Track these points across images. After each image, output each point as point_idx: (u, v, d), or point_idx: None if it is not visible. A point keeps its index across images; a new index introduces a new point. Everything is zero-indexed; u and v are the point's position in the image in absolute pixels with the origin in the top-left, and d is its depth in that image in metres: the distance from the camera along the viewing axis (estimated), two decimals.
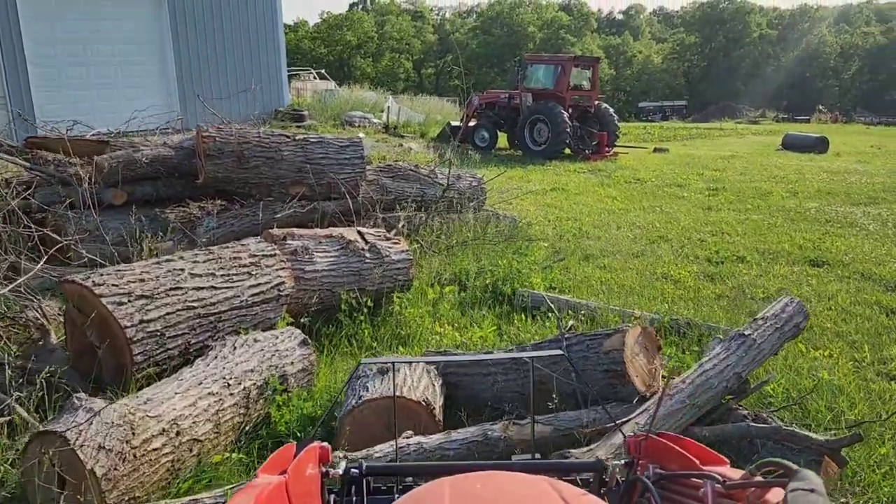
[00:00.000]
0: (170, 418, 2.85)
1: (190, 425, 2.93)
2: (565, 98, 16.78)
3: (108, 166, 5.96)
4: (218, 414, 3.09)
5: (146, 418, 2.77)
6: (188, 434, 2.90)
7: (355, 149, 6.71)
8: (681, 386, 3.31)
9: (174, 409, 2.90)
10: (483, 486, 1.11)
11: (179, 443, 2.85)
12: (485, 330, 4.75)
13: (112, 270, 3.68)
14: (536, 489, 1.10)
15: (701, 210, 9.91)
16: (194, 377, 3.17)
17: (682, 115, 45.48)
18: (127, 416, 2.70)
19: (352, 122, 19.58)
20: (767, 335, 3.45)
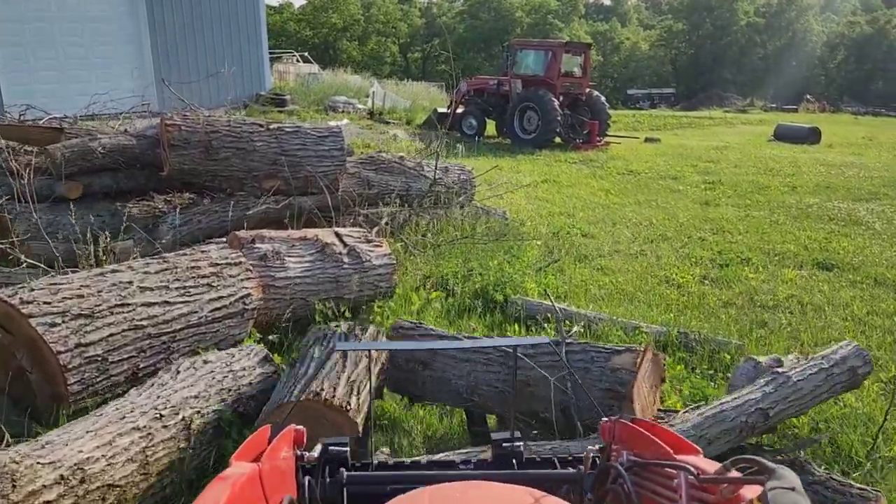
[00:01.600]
0: (72, 463, 2.36)
1: (102, 469, 2.44)
2: (556, 85, 16.27)
3: (60, 156, 5.41)
4: (145, 452, 2.60)
5: (36, 466, 2.29)
6: (98, 480, 2.42)
7: (335, 139, 6.19)
8: (687, 416, 2.88)
9: (80, 451, 2.41)
10: (462, 495, 1.09)
11: (85, 491, 2.37)
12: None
13: (45, 284, 3.16)
14: (516, 500, 1.06)
15: (699, 205, 9.49)
16: (117, 411, 2.68)
17: (671, 102, 45.14)
18: (8, 465, 2.22)
19: (336, 108, 18.99)
20: (808, 374, 2.99)
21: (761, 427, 2.86)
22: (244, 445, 1.37)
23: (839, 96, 49.66)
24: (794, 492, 0.93)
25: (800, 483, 0.96)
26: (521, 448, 1.95)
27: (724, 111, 36.98)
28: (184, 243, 5.43)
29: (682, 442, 1.37)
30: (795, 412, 2.96)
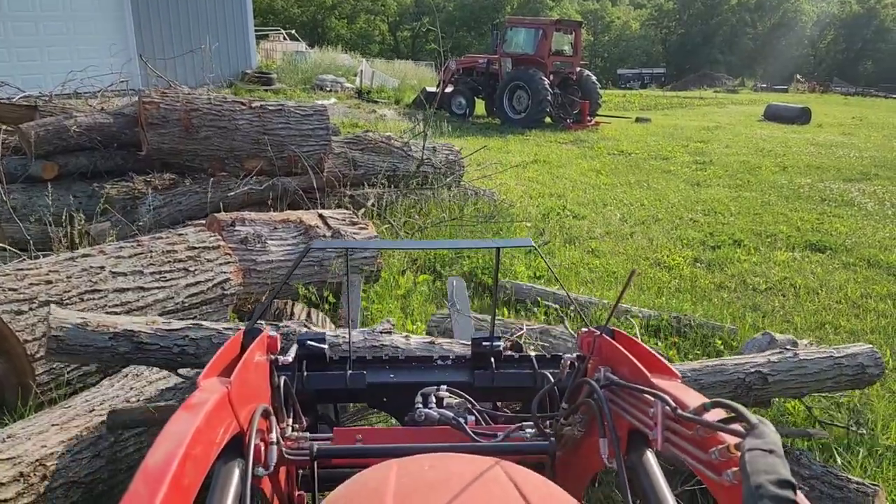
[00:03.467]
0: (33, 459, 2.24)
1: (67, 465, 2.32)
2: (546, 64, 16.07)
3: (34, 135, 5.22)
4: (113, 447, 2.48)
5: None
6: (62, 477, 2.29)
7: (320, 118, 6.02)
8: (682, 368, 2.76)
9: (44, 446, 2.29)
10: (432, 468, 1.05)
11: (47, 488, 2.25)
12: None
13: (11, 269, 3.01)
14: (487, 472, 1.03)
15: (690, 186, 9.38)
16: (87, 403, 2.55)
17: (661, 82, 44.90)
18: None
19: (323, 86, 18.73)
20: (816, 356, 2.90)
21: (758, 390, 2.76)
22: (215, 359, 1.34)
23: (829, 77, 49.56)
24: (772, 455, 0.87)
25: (780, 443, 0.89)
26: (499, 347, 1.99)
27: (715, 91, 36.84)
28: (163, 225, 5.27)
29: (661, 364, 1.34)
30: (795, 390, 2.87)
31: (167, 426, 1.03)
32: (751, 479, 0.83)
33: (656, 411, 1.16)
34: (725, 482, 0.95)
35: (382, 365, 1.98)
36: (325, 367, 1.90)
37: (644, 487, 1.20)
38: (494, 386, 1.95)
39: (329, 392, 1.90)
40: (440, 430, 1.60)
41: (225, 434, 1.16)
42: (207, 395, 1.15)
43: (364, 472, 1.09)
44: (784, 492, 0.81)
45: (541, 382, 1.90)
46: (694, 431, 1.06)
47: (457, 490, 0.95)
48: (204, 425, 1.05)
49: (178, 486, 0.89)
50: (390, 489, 0.96)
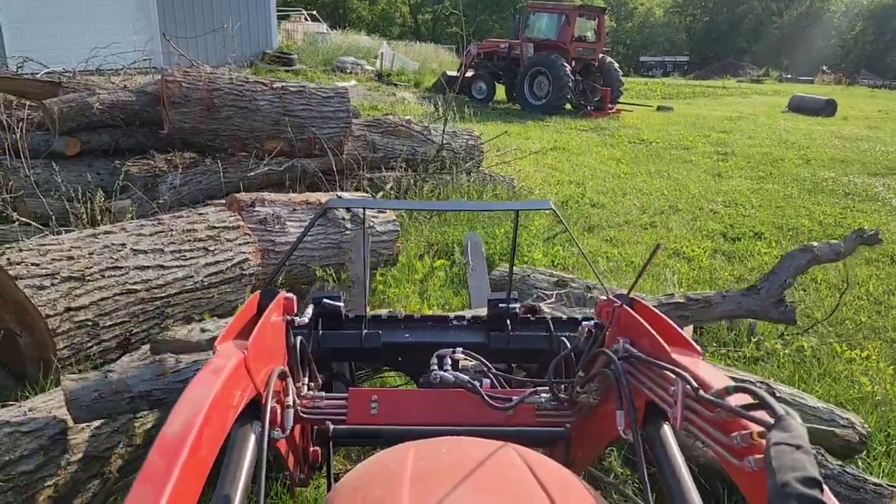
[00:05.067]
0: (53, 433, 2.27)
1: (86, 440, 2.35)
2: (568, 50, 15.91)
3: (58, 111, 5.25)
4: (133, 422, 2.50)
5: (16, 434, 2.20)
6: (80, 451, 2.33)
7: (340, 101, 6.00)
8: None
9: (63, 420, 2.32)
10: (448, 451, 1.05)
11: (67, 462, 2.28)
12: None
13: (34, 244, 3.04)
14: (503, 457, 1.03)
15: (711, 177, 9.28)
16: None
17: (684, 71, 44.42)
18: None
19: (343, 68, 18.68)
20: None
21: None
22: (229, 325, 1.33)
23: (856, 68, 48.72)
24: (800, 450, 0.84)
25: (807, 437, 0.86)
26: (516, 309, 1.95)
27: (738, 81, 36.38)
28: (183, 204, 5.30)
29: (682, 338, 1.31)
30: None
31: (185, 394, 1.02)
32: (777, 475, 0.81)
33: (677, 390, 1.14)
34: (746, 468, 0.94)
35: (398, 324, 1.98)
36: (340, 326, 1.90)
37: (660, 460, 1.19)
38: (510, 348, 1.95)
39: (344, 351, 1.90)
40: (455, 393, 1.60)
41: (242, 398, 1.16)
42: (224, 361, 1.15)
43: (381, 455, 1.08)
44: (811, 491, 0.79)
45: (557, 346, 1.89)
46: (715, 413, 1.04)
47: (473, 474, 0.95)
48: (221, 392, 1.05)
49: (196, 455, 0.90)
50: (407, 472, 0.95)
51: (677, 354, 1.25)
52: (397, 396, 1.64)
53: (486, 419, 1.55)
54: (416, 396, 1.63)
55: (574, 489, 0.99)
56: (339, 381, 2.14)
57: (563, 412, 1.60)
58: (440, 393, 1.62)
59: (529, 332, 1.98)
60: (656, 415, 1.28)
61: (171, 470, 0.82)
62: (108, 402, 2.24)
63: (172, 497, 0.79)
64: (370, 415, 1.57)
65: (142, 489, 0.79)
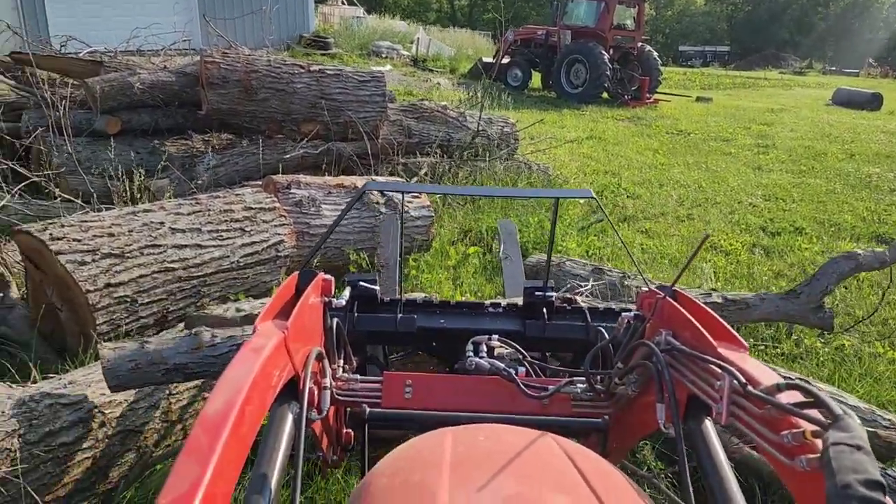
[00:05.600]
0: (92, 406, 2.31)
1: (123, 414, 2.39)
2: (607, 38, 15.68)
3: (100, 90, 5.32)
4: (169, 399, 2.53)
5: (56, 406, 2.23)
6: (119, 425, 2.36)
7: (377, 85, 5.99)
8: None
9: (102, 394, 2.35)
10: (486, 438, 1.03)
11: (105, 435, 2.31)
12: None
13: (76, 221, 3.09)
14: (541, 445, 1.02)
15: (751, 170, 9.08)
16: None
17: (724, 61, 43.47)
18: (27, 403, 2.17)
19: (379, 53, 18.67)
20: None
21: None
22: (269, 305, 1.33)
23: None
24: (860, 451, 0.80)
25: (867, 438, 0.83)
26: (552, 298, 1.93)
27: (781, 72, 35.57)
28: (219, 184, 5.35)
29: (727, 332, 1.27)
30: None
31: (226, 372, 1.03)
32: (837, 477, 0.78)
33: (723, 385, 1.12)
34: (798, 468, 0.91)
35: (433, 309, 1.97)
36: (375, 309, 1.90)
37: (701, 455, 1.17)
38: (545, 336, 1.94)
39: (379, 334, 1.91)
40: (490, 380, 1.59)
41: (280, 378, 1.16)
42: (265, 341, 1.15)
43: (418, 440, 1.08)
44: (874, 493, 0.76)
45: (593, 336, 1.87)
46: (764, 410, 1.01)
47: (514, 461, 0.94)
48: (262, 371, 1.06)
49: (237, 432, 0.91)
50: (447, 458, 0.94)
51: (723, 349, 1.22)
52: (432, 382, 1.63)
53: (521, 408, 1.54)
54: (450, 382, 1.62)
55: (616, 481, 0.97)
56: (372, 365, 2.13)
57: (600, 403, 1.58)
58: (475, 380, 1.61)
59: (565, 322, 1.96)
60: (698, 409, 1.25)
61: (214, 445, 0.83)
62: (144, 373, 2.27)
63: (216, 471, 0.79)
64: (404, 399, 1.57)
65: (187, 461, 0.80)
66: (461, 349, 1.74)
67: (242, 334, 2.47)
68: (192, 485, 0.75)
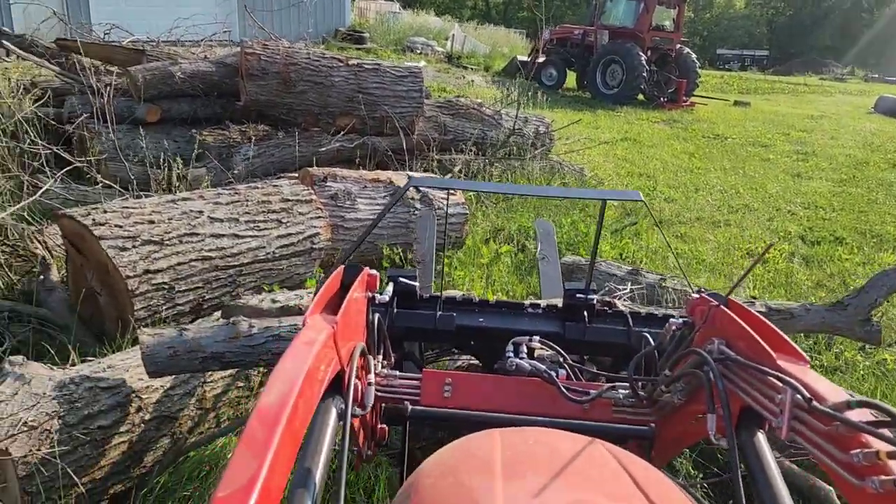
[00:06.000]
0: (130, 391, 2.33)
1: (159, 399, 2.40)
2: (645, 39, 15.50)
3: (142, 79, 5.39)
4: (203, 387, 2.55)
5: (95, 389, 2.25)
6: (155, 411, 2.38)
7: (414, 80, 5.99)
8: None
9: (140, 379, 2.37)
10: (536, 442, 1.01)
11: (141, 420, 2.33)
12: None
13: (118, 207, 3.12)
14: (592, 451, 0.99)
15: (790, 177, 8.92)
16: None
17: (763, 65, 42.80)
18: (67, 385, 2.20)
19: (414, 49, 18.68)
20: None
21: None
22: (317, 299, 1.35)
23: None
24: None
25: None
26: (593, 301, 1.92)
27: (821, 78, 34.88)
28: (255, 175, 5.39)
29: (787, 344, 1.22)
30: None
31: (280, 364, 1.04)
32: None
33: (784, 398, 1.08)
34: (869, 489, 0.87)
35: (472, 308, 1.97)
36: (414, 306, 1.91)
37: (753, 469, 1.14)
38: (585, 340, 1.92)
39: (418, 331, 1.91)
40: (530, 382, 1.58)
41: (327, 373, 1.17)
42: (315, 335, 1.16)
43: (466, 440, 1.06)
44: None
45: (635, 341, 1.84)
46: (832, 427, 0.98)
47: (567, 467, 0.92)
48: (313, 365, 1.07)
49: (291, 426, 0.92)
50: (497, 460, 0.93)
51: (783, 361, 1.18)
52: (471, 381, 1.62)
53: (562, 411, 1.53)
54: (490, 382, 1.61)
55: (669, 491, 0.93)
56: (408, 361, 2.13)
57: (642, 410, 1.56)
58: (515, 381, 1.60)
59: (607, 326, 1.94)
60: (750, 421, 1.22)
61: (270, 438, 0.84)
62: (182, 360, 2.30)
63: (272, 465, 0.80)
64: (443, 397, 1.57)
65: (244, 452, 0.81)
66: (499, 349, 1.74)
67: (279, 325, 2.48)
68: (249, 479, 0.76)
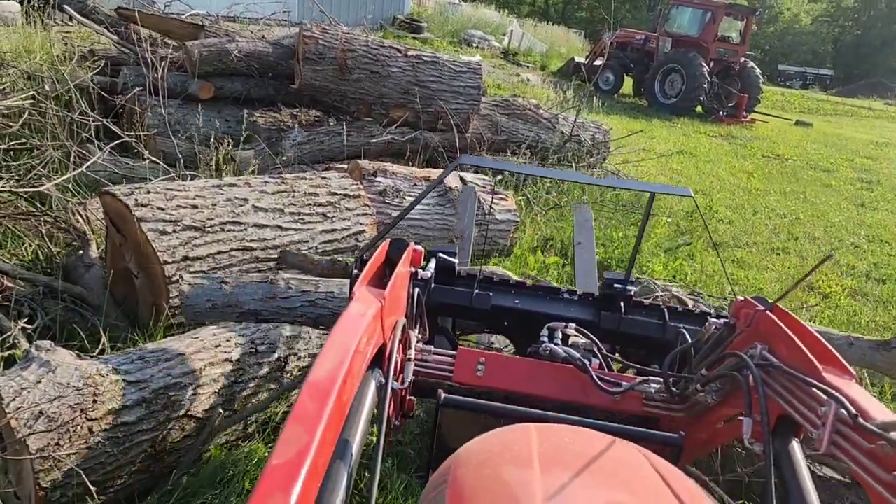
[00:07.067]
0: (158, 386, 2.21)
1: (188, 398, 2.28)
2: (709, 49, 15.03)
3: (198, 54, 5.30)
4: (233, 388, 2.42)
5: (122, 383, 2.13)
6: (182, 409, 2.26)
7: (473, 76, 5.81)
8: None
9: (169, 375, 2.26)
10: (571, 441, 1.02)
11: (166, 418, 2.21)
12: None
13: (161, 188, 3.01)
14: (627, 454, 0.99)
15: (853, 206, 8.51)
16: (214, 337, 2.48)
17: (826, 85, 41.51)
18: (93, 377, 2.08)
19: (470, 42, 18.47)
20: None
21: None
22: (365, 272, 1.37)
23: None
24: None
25: None
26: (631, 293, 1.90)
27: (886, 103, 33.61)
28: (304, 161, 5.28)
29: (832, 357, 1.19)
30: None
31: (331, 337, 1.06)
32: None
33: (827, 411, 1.05)
34: None
35: (508, 289, 1.98)
36: (452, 282, 1.94)
37: (786, 476, 1.12)
38: (620, 330, 1.91)
39: (453, 307, 1.93)
40: (563, 368, 1.59)
41: (370, 345, 1.18)
42: (365, 308, 1.18)
43: (501, 432, 1.08)
44: None
45: (671, 336, 1.81)
46: (877, 447, 0.95)
47: (601, 467, 0.92)
48: (362, 340, 1.09)
49: (340, 400, 0.94)
50: (535, 453, 0.93)
51: (828, 374, 1.14)
52: (504, 362, 1.64)
53: (592, 400, 1.54)
54: (523, 365, 1.63)
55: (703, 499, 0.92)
56: (440, 336, 2.11)
57: (674, 406, 1.55)
58: (548, 366, 1.62)
59: (643, 318, 1.92)
60: (786, 428, 1.20)
61: (321, 413, 0.86)
62: (220, 312, 2.42)
63: (322, 437, 0.82)
64: (476, 376, 1.59)
65: (295, 428, 0.82)
66: (533, 332, 1.76)
67: (316, 290, 2.57)
68: (299, 452, 0.78)
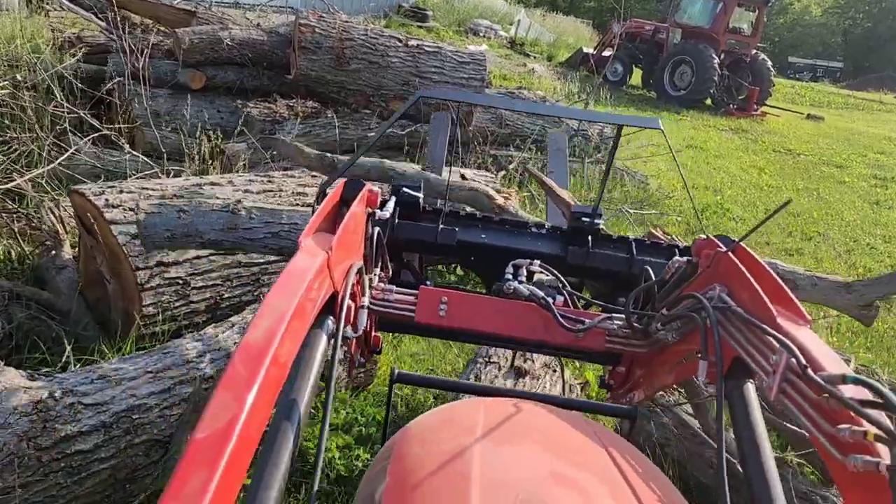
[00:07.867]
0: (120, 409, 2.02)
1: (153, 421, 2.08)
2: (720, 41, 14.71)
3: (188, 42, 5.08)
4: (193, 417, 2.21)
5: (77, 406, 1.94)
6: (146, 433, 2.05)
7: (476, 68, 5.57)
8: None
9: (133, 395, 2.05)
10: (519, 414, 1.05)
11: (128, 444, 2.01)
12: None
13: (136, 187, 2.80)
14: (575, 426, 1.04)
15: (868, 204, 8.25)
16: (185, 352, 2.27)
17: (836, 78, 41.02)
18: (44, 401, 1.88)
19: (477, 31, 18.17)
20: None
21: None
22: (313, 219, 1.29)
23: None
24: None
25: None
26: (599, 225, 1.92)
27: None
28: None
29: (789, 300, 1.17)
30: None
31: (268, 298, 1.00)
32: None
33: (778, 360, 1.02)
34: (850, 466, 0.83)
35: (474, 223, 1.96)
36: (416, 217, 1.90)
37: (737, 419, 1.11)
38: (587, 264, 1.89)
39: (417, 243, 1.90)
40: (526, 306, 1.57)
41: (318, 295, 1.14)
42: (309, 262, 1.13)
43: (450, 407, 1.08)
44: None
45: (637, 271, 1.81)
46: (822, 399, 0.93)
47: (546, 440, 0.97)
48: (304, 296, 1.04)
49: (277, 363, 0.89)
50: (479, 427, 0.96)
51: (783, 319, 1.10)
52: (467, 301, 1.61)
53: (555, 338, 1.55)
54: (485, 303, 1.62)
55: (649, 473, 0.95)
56: (406, 271, 2.05)
57: (634, 342, 1.55)
58: (511, 304, 1.59)
59: (609, 252, 1.91)
60: (741, 371, 1.17)
61: (252, 379, 0.82)
62: (179, 241, 2.38)
63: (255, 403, 0.78)
64: (438, 316, 1.57)
65: (223, 396, 0.78)
66: (500, 267, 1.72)
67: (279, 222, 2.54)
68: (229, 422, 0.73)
